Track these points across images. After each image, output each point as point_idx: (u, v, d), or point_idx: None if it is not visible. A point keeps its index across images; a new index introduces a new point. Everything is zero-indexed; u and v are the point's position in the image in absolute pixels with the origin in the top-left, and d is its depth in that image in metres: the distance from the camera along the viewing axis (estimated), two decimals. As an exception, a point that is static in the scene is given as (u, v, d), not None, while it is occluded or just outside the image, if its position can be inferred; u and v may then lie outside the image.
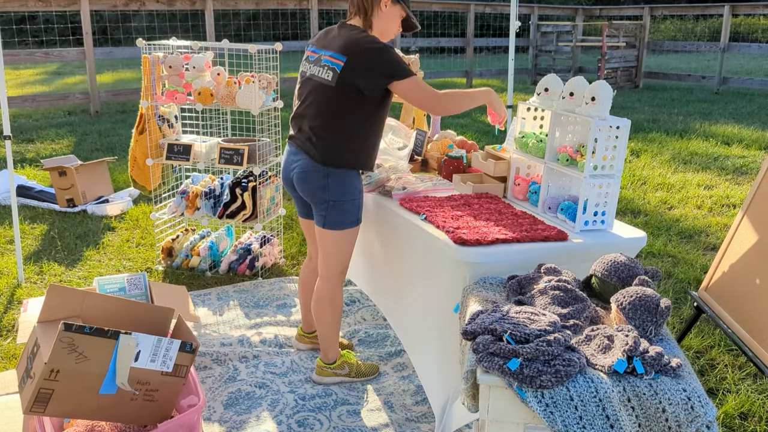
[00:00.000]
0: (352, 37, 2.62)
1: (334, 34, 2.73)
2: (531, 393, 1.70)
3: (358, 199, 2.78)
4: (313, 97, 2.71)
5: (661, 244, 4.70)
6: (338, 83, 2.62)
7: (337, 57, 2.63)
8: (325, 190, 2.71)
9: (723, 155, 7.46)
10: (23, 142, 8.00)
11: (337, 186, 2.71)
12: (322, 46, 2.72)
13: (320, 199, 2.73)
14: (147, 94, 4.07)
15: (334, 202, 2.72)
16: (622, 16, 16.05)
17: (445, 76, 13.83)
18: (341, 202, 2.73)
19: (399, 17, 2.76)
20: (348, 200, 2.74)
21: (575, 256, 2.43)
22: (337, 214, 2.74)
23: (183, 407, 2.48)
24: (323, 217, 2.76)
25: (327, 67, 2.66)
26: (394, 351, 3.29)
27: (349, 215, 2.76)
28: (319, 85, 2.68)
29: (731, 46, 12.67)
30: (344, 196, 2.73)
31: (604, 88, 2.43)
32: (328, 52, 2.67)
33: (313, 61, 2.75)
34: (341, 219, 2.75)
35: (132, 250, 4.57)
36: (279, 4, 11.39)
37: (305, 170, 2.73)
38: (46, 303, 2.35)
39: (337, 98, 2.64)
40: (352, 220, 2.78)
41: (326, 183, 2.70)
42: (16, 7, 9.23)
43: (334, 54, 2.64)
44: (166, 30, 15.89)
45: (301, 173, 2.74)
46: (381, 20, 2.73)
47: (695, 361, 3.21)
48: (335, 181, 2.70)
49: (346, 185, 2.72)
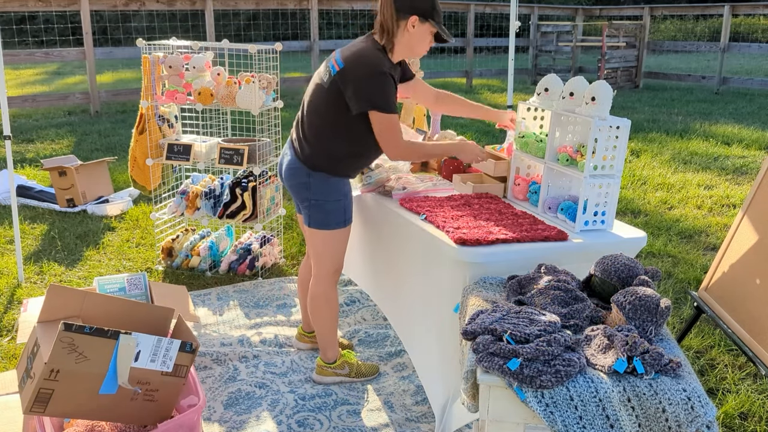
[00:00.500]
0: (359, 50, 2.61)
1: (355, 42, 2.71)
2: (531, 393, 1.70)
3: (342, 201, 2.76)
4: (312, 97, 2.73)
5: (661, 244, 4.70)
6: (330, 86, 2.63)
7: (338, 62, 2.63)
8: (307, 189, 2.73)
9: (723, 155, 7.46)
10: (23, 142, 8.00)
11: (319, 186, 2.72)
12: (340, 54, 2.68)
13: (302, 197, 2.76)
14: (147, 94, 4.07)
15: (316, 201, 2.73)
16: (622, 16, 16.05)
17: (445, 76, 13.82)
18: (323, 202, 2.73)
19: (430, 33, 2.66)
20: (331, 200, 2.73)
21: (575, 256, 2.43)
22: (320, 214, 2.74)
23: (183, 407, 2.48)
24: (308, 216, 2.78)
25: (327, 69, 2.68)
26: (394, 351, 3.30)
27: (333, 216, 2.75)
28: (319, 86, 2.71)
29: (731, 46, 12.67)
30: (327, 197, 2.73)
31: (604, 88, 2.43)
32: (338, 58, 2.66)
33: (326, 64, 2.76)
34: (325, 219, 2.75)
35: (132, 250, 4.57)
36: (279, 4, 11.39)
37: (291, 166, 2.77)
38: (46, 303, 2.35)
39: (326, 101, 2.64)
40: (338, 221, 2.77)
41: (308, 182, 2.72)
42: (16, 7, 9.23)
43: (338, 59, 2.65)
44: (166, 30, 15.89)
45: (287, 169, 2.79)
46: (409, 39, 2.64)
47: (695, 361, 3.21)
48: (317, 181, 2.71)
49: (329, 186, 2.72)
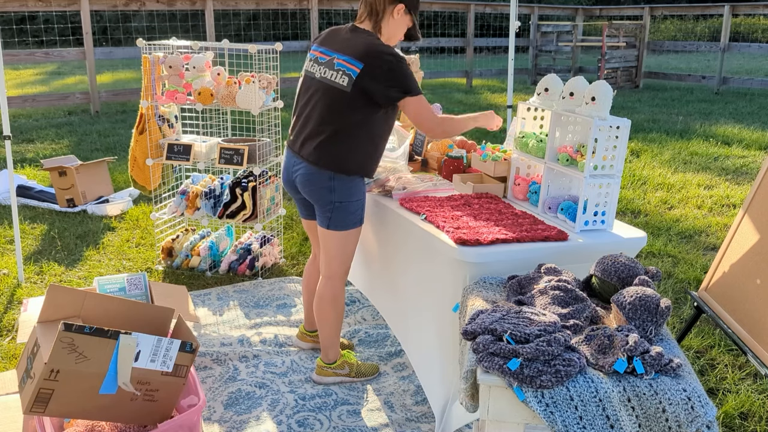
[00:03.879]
0: (371, 45, 2.61)
1: (345, 36, 2.70)
2: (531, 393, 1.70)
3: (362, 199, 2.79)
4: (322, 100, 2.68)
5: (661, 244, 4.70)
6: (353, 89, 2.60)
7: (352, 62, 2.60)
8: (331, 192, 2.71)
9: (723, 155, 7.46)
10: (23, 142, 8.00)
11: (343, 188, 2.71)
12: (335, 49, 2.68)
13: (326, 201, 2.73)
14: (147, 94, 4.07)
15: (340, 203, 2.72)
16: (622, 16, 16.06)
17: (445, 76, 13.82)
18: (347, 203, 2.73)
19: (406, 26, 2.78)
20: (354, 201, 2.75)
21: (575, 256, 2.43)
22: (342, 215, 2.74)
23: (183, 407, 2.49)
24: (328, 219, 2.76)
25: (342, 72, 2.62)
26: (394, 351, 3.30)
27: (353, 216, 2.77)
28: (331, 89, 2.65)
29: (731, 46, 12.67)
30: (350, 197, 2.73)
31: (604, 88, 2.43)
32: (343, 56, 2.63)
33: (324, 63, 2.70)
34: (346, 219, 2.75)
35: (132, 250, 4.57)
36: (279, 4, 11.39)
37: (309, 173, 2.72)
38: (46, 303, 2.35)
39: (349, 104, 2.62)
40: (356, 221, 2.79)
41: (332, 185, 2.70)
42: (16, 7, 9.23)
43: (349, 59, 2.61)
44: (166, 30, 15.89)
45: (305, 176, 2.74)
46: (390, 26, 2.73)
47: (695, 361, 3.21)
48: (341, 183, 2.70)
49: (352, 186, 2.73)
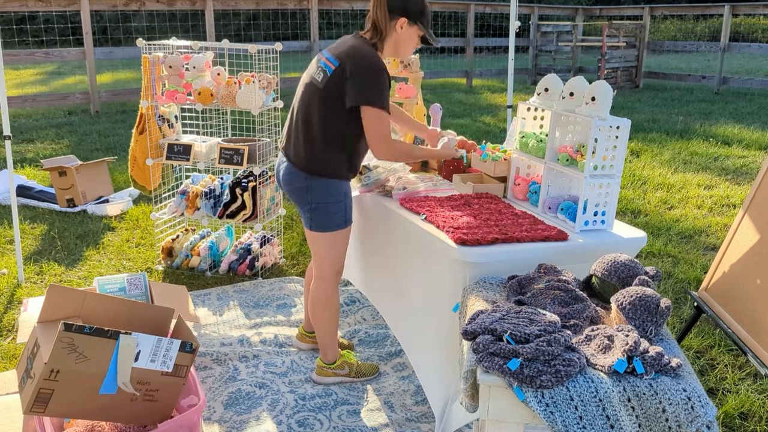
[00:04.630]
0: (355, 47, 2.62)
1: (343, 40, 2.73)
2: (531, 393, 1.70)
3: (343, 201, 2.76)
4: (303, 98, 2.72)
5: (661, 244, 4.70)
6: (326, 86, 2.62)
7: (331, 60, 2.64)
8: (307, 192, 2.72)
9: (723, 155, 7.46)
10: (23, 142, 8.00)
11: (319, 188, 2.71)
12: (331, 53, 2.70)
13: (304, 201, 2.75)
14: (147, 94, 4.07)
15: (317, 204, 2.72)
16: (622, 16, 16.06)
17: (445, 76, 13.82)
18: (324, 204, 2.72)
19: (417, 36, 2.73)
20: (332, 202, 2.73)
21: (575, 256, 2.43)
22: (321, 216, 2.74)
23: (183, 407, 2.49)
24: (309, 219, 2.77)
25: (321, 69, 2.67)
26: (394, 351, 3.29)
27: (334, 217, 2.75)
28: (311, 86, 2.69)
29: (731, 46, 12.67)
30: (327, 198, 2.72)
31: (604, 88, 2.43)
32: (329, 55, 2.67)
33: (317, 64, 2.75)
34: (327, 221, 2.75)
35: (132, 250, 4.57)
36: (279, 4, 11.39)
37: (288, 172, 2.76)
38: (46, 303, 2.35)
39: (323, 101, 2.64)
40: (339, 222, 2.77)
41: (308, 185, 2.71)
42: (16, 7, 9.23)
43: (330, 58, 2.65)
44: (166, 30, 15.89)
45: (285, 175, 2.78)
46: (395, 40, 2.71)
47: (695, 361, 3.21)
48: (316, 183, 2.71)
49: (328, 188, 2.72)
